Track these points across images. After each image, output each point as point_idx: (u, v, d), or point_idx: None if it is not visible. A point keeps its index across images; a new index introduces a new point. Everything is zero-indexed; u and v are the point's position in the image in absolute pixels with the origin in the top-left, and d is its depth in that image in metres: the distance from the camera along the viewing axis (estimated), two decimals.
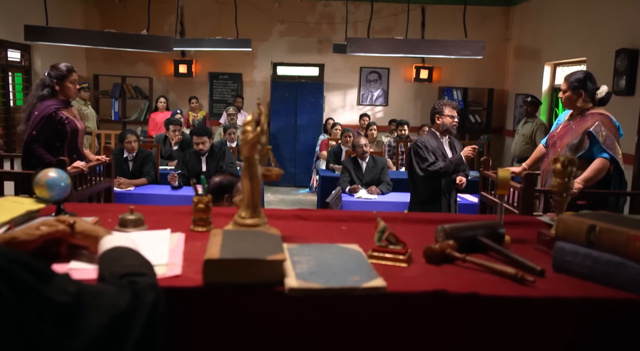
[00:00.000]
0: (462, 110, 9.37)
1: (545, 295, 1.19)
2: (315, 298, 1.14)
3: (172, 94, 9.52)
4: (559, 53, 7.65)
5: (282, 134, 9.06)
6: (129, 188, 5.00)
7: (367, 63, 9.43)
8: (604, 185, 3.37)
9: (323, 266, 1.24)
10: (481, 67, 9.42)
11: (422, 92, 9.53)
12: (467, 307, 1.18)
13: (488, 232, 1.51)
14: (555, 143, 3.55)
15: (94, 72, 9.27)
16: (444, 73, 9.56)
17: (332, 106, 9.61)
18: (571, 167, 1.47)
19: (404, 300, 1.17)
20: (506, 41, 9.48)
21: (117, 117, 9.18)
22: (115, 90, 9.10)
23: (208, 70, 9.51)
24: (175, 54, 9.27)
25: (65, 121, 3.59)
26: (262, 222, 1.46)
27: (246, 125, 1.44)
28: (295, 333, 1.16)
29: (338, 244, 1.43)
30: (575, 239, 1.30)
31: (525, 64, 8.81)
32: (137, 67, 9.41)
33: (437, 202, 4.02)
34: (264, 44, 9.44)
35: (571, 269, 1.31)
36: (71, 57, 8.86)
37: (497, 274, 1.28)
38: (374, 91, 9.57)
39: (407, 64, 9.47)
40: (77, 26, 8.83)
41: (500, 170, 1.57)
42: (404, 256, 1.34)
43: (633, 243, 1.18)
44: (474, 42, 4.76)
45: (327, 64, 9.47)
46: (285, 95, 8.97)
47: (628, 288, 1.20)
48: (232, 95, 9.31)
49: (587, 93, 3.43)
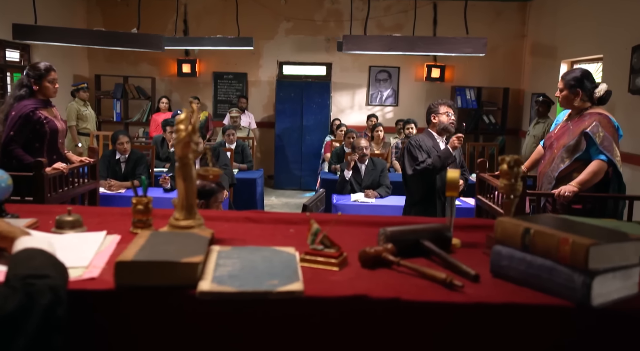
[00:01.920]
0: (475, 110, 9.33)
1: (470, 300, 1.18)
2: (230, 302, 1.15)
3: (176, 94, 9.61)
4: (575, 50, 7.57)
5: (287, 135, 9.09)
6: (120, 191, 5.06)
7: (377, 62, 9.42)
8: (603, 188, 3.33)
9: (246, 270, 1.25)
10: (496, 66, 9.36)
11: (434, 91, 9.48)
12: (389, 312, 1.18)
13: (434, 236, 1.51)
14: (552, 144, 3.52)
15: (95, 72, 9.41)
16: (457, 72, 9.50)
17: (340, 106, 9.62)
18: (517, 168, 1.46)
19: (324, 304, 1.18)
20: (522, 38, 9.40)
21: (119, 118, 9.29)
22: (117, 91, 9.22)
23: (212, 70, 9.58)
24: (179, 53, 9.38)
25: (44, 121, 3.64)
26: (196, 224, 1.48)
27: (179, 124, 1.45)
28: (210, 338, 1.17)
29: (274, 247, 1.44)
30: (512, 243, 1.30)
31: (542, 61, 8.73)
32: (139, 67, 9.52)
33: (431, 203, 4.01)
34: (270, 42, 9.48)
35: (507, 274, 1.30)
36: (72, 56, 9.02)
37: (428, 279, 1.28)
38: (383, 91, 9.56)
39: (418, 63, 9.44)
40: (79, 25, 8.97)
41: (450, 170, 1.57)
42: (336, 259, 1.35)
43: (563, 247, 1.17)
44: (476, 38, 4.73)
45: (334, 63, 9.49)
46: (291, 95, 9.00)
47: (559, 294, 1.19)
48: (236, 96, 9.37)
49: (585, 92, 3.39)
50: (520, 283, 1.27)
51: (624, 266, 1.19)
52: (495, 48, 9.39)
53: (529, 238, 1.25)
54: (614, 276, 1.18)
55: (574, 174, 3.30)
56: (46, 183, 3.35)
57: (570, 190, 3.17)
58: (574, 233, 1.18)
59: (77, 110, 7.55)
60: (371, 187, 5.16)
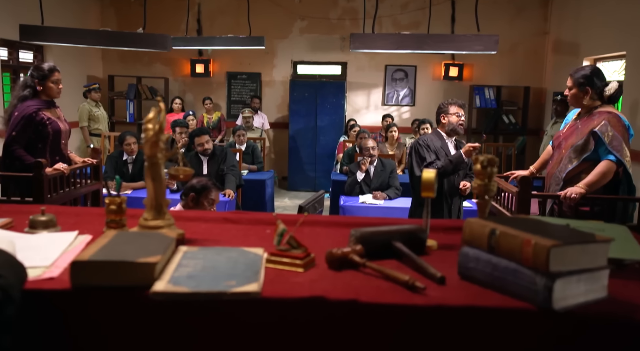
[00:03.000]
0: (494, 110, 9.24)
1: (430, 303, 1.18)
2: (185, 303, 1.17)
3: (189, 95, 9.71)
4: (598, 47, 7.46)
5: (301, 136, 9.11)
6: (126, 192, 5.12)
7: (393, 61, 9.39)
8: (613, 190, 3.28)
9: (207, 270, 1.27)
10: (516, 64, 9.27)
11: (452, 91, 9.41)
12: (347, 314, 1.18)
13: (407, 238, 1.51)
14: (560, 144, 3.47)
15: (109, 73, 9.54)
16: (476, 70, 9.43)
17: (355, 106, 9.61)
18: (491, 168, 1.45)
19: (280, 305, 1.19)
20: (544, 35, 9.29)
21: (132, 118, 9.41)
22: (130, 91, 9.34)
23: (226, 70, 9.65)
24: (192, 53, 9.47)
25: (47, 122, 3.71)
26: (166, 224, 1.50)
27: (147, 123, 1.47)
28: (164, 338, 1.19)
29: (243, 248, 1.45)
30: (479, 244, 1.29)
31: (564, 59, 8.62)
32: (153, 67, 9.64)
33: (438, 205, 3.99)
34: (284, 41, 9.52)
35: (474, 276, 1.29)
36: (86, 57, 9.16)
37: (392, 280, 1.28)
38: (400, 90, 9.53)
39: (436, 62, 9.39)
40: (93, 26, 9.11)
41: (425, 171, 1.56)
42: (301, 260, 1.35)
43: (526, 249, 1.17)
44: (487, 36, 4.70)
45: (350, 62, 9.49)
46: (305, 95, 9.02)
47: (522, 297, 1.18)
48: (250, 96, 9.42)
49: (595, 90, 3.34)
50: (486, 286, 1.26)
51: (590, 269, 1.18)
52: (515, 45, 9.31)
53: (495, 240, 1.25)
54: (579, 279, 1.17)
55: (583, 175, 3.25)
56: (46, 184, 3.41)
57: (577, 192, 3.12)
58: (537, 235, 1.18)
59: (89, 111, 7.67)
60: (380, 189, 5.15)
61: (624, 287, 1.29)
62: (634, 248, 1.43)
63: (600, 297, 1.21)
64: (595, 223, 1.69)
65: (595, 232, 1.57)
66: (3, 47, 7.44)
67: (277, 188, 9.33)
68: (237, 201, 5.49)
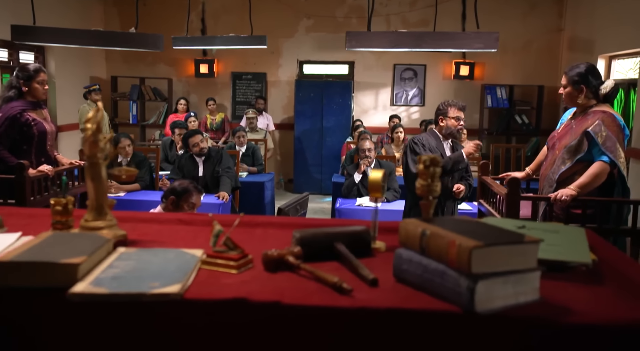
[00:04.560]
0: (507, 110, 9.19)
1: (354, 305, 1.19)
2: (104, 304, 1.19)
3: (194, 96, 9.79)
4: (613, 44, 7.39)
5: (307, 137, 9.14)
6: (119, 194, 5.19)
7: (401, 60, 9.39)
8: (608, 191, 3.25)
9: (136, 271, 1.29)
10: (530, 62, 9.21)
11: (463, 90, 9.38)
12: (270, 316, 1.20)
13: (352, 239, 1.52)
14: (554, 144, 3.46)
15: (112, 74, 9.66)
16: (488, 69, 9.39)
17: (363, 107, 9.62)
18: (434, 168, 1.45)
19: (200, 307, 1.20)
20: (559, 32, 9.22)
21: (135, 120, 9.52)
22: (133, 92, 9.45)
23: (230, 70, 9.72)
24: (196, 53, 9.55)
25: (32, 123, 3.78)
26: (107, 225, 1.52)
27: (86, 123, 1.50)
28: (84, 341, 1.21)
29: (183, 249, 1.48)
30: (412, 246, 1.30)
31: (580, 57, 8.53)
32: (157, 68, 9.74)
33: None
34: (290, 40, 9.56)
35: (406, 278, 1.30)
36: (89, 58, 9.29)
37: (322, 282, 1.29)
38: (409, 90, 9.51)
39: (446, 60, 9.36)
40: (96, 26, 9.22)
41: (373, 171, 1.57)
42: (235, 262, 1.37)
43: (452, 250, 1.17)
44: (487, 33, 4.68)
45: (357, 61, 9.50)
46: (311, 95, 9.05)
47: (449, 299, 1.19)
48: (255, 96, 9.48)
49: (590, 89, 3.32)
50: (418, 288, 1.26)
51: (518, 270, 1.18)
52: (529, 43, 9.25)
53: (426, 241, 1.25)
54: (505, 281, 1.17)
55: (576, 177, 3.23)
56: (28, 186, 3.47)
57: (568, 194, 3.10)
58: (463, 236, 1.18)
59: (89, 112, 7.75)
60: None
61: (563, 290, 1.29)
62: (582, 251, 1.42)
63: (532, 300, 1.21)
64: (554, 224, 1.69)
65: (549, 234, 1.58)
66: (3, 48, 7.58)
67: (282, 191, 9.38)
68: (234, 203, 5.53)
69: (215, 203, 4.99)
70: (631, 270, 1.41)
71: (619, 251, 1.56)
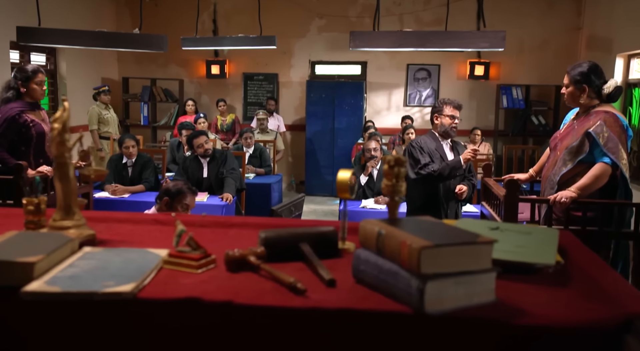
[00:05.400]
0: (523, 111, 9.12)
1: (307, 305, 1.20)
2: (57, 303, 1.22)
3: (205, 97, 9.87)
4: (632, 43, 7.30)
5: (318, 139, 9.16)
6: (124, 195, 5.25)
7: (415, 59, 9.37)
8: (610, 194, 3.22)
9: (94, 271, 1.32)
10: (547, 62, 9.13)
11: (478, 90, 9.34)
12: (222, 316, 1.21)
13: (318, 240, 1.53)
14: (556, 145, 3.44)
15: (124, 75, 9.78)
16: (503, 69, 9.33)
17: (375, 107, 9.61)
18: (399, 168, 1.46)
19: (155, 306, 1.22)
20: (577, 31, 9.13)
21: (147, 121, 9.62)
22: (144, 94, 9.55)
23: (242, 71, 9.78)
24: (208, 54, 9.63)
25: (30, 124, 3.85)
26: (75, 224, 1.56)
27: (54, 123, 1.54)
28: (37, 340, 1.24)
29: (148, 249, 1.50)
30: (370, 246, 1.31)
31: (597, 55, 8.44)
32: (168, 69, 9.84)
33: (433, 210, 3.97)
34: (302, 41, 9.59)
35: (364, 279, 1.31)
36: (101, 59, 9.42)
37: (279, 283, 1.31)
38: (422, 90, 9.49)
39: (460, 60, 9.32)
40: (108, 27, 9.35)
41: (341, 171, 1.58)
42: (197, 262, 1.39)
43: (403, 250, 1.18)
44: (493, 32, 4.65)
45: (370, 61, 9.51)
46: (322, 96, 9.07)
47: (402, 300, 1.19)
48: (267, 97, 9.53)
49: (592, 89, 3.30)
50: (374, 288, 1.27)
51: (471, 271, 1.19)
52: (546, 42, 9.18)
53: (381, 241, 1.26)
54: (457, 282, 1.17)
55: (577, 178, 3.21)
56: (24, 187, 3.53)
57: (568, 196, 3.08)
58: (416, 236, 1.19)
59: (99, 114, 7.88)
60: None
61: (523, 292, 1.29)
62: (548, 253, 1.42)
63: (486, 301, 1.21)
64: (529, 226, 1.68)
65: (521, 236, 1.58)
66: (14, 50, 7.72)
67: (293, 193, 9.40)
68: (239, 205, 5.57)
69: (219, 205, 5.03)
70: (599, 273, 1.40)
71: (594, 254, 1.55)
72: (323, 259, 1.47)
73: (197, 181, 5.38)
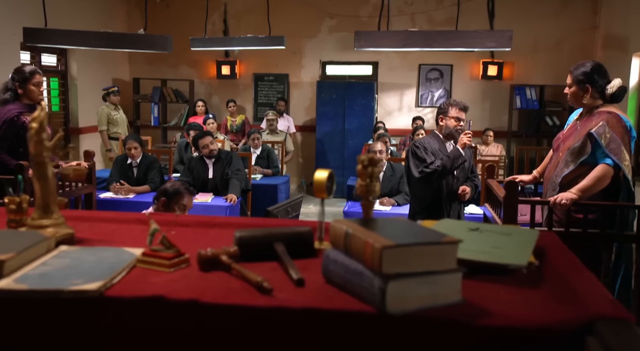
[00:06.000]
0: (536, 111, 9.06)
1: (271, 304, 1.21)
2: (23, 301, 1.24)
3: (215, 97, 9.93)
4: None
5: (328, 140, 9.17)
6: (129, 196, 5.31)
7: (427, 60, 9.34)
8: (613, 196, 3.19)
9: (66, 269, 1.34)
10: (562, 61, 9.04)
11: (491, 91, 9.30)
12: (187, 314, 1.23)
13: (293, 240, 1.55)
14: (559, 146, 3.42)
15: (134, 75, 9.88)
16: (517, 69, 9.27)
17: (387, 108, 9.60)
18: (372, 167, 1.47)
19: (119, 304, 1.24)
20: (593, 29, 9.05)
21: (157, 122, 9.70)
22: (154, 94, 9.64)
23: (252, 71, 9.83)
24: (218, 54, 9.69)
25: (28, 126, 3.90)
26: (53, 223, 1.58)
27: (32, 122, 1.56)
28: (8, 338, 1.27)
29: (123, 248, 1.52)
30: (338, 246, 1.32)
31: (613, 55, 8.37)
32: (179, 70, 9.91)
33: (438, 210, 3.97)
34: (312, 41, 9.62)
35: (332, 279, 1.32)
36: (113, 60, 9.52)
37: (247, 282, 1.32)
38: (434, 91, 9.46)
39: (473, 60, 9.28)
40: (119, 28, 9.47)
41: (318, 170, 1.60)
42: (169, 261, 1.41)
43: (367, 250, 1.19)
44: (500, 31, 4.64)
45: (381, 61, 9.50)
46: (332, 96, 9.08)
47: (366, 300, 1.20)
48: (277, 98, 9.57)
49: (596, 89, 3.29)
50: (342, 288, 1.28)
51: (435, 271, 1.19)
52: (561, 42, 9.11)
53: (348, 241, 1.27)
54: (421, 282, 1.18)
55: (579, 180, 3.19)
56: (27, 187, 3.58)
57: (568, 198, 3.06)
58: (380, 236, 1.19)
59: (108, 115, 7.97)
60: (389, 195, 5.15)
61: (493, 292, 1.29)
62: (522, 254, 1.42)
63: (452, 301, 1.21)
64: (509, 227, 1.68)
65: (500, 236, 1.58)
66: (25, 51, 7.83)
67: (304, 194, 9.42)
68: (244, 206, 5.60)
69: (223, 206, 5.06)
70: (573, 275, 1.40)
71: (573, 256, 1.55)
72: (299, 259, 1.49)
73: (202, 182, 5.42)
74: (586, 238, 3.06)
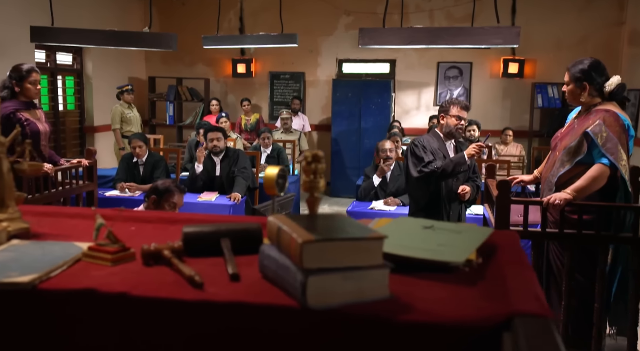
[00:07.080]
0: (559, 110, 8.95)
1: (198, 298, 1.24)
2: None
3: (231, 96, 10.02)
4: None
5: (344, 139, 9.19)
6: (135, 194, 5.40)
7: (446, 57, 9.30)
8: (610, 196, 3.16)
9: (8, 262, 1.38)
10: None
11: (511, 89, 9.21)
12: (119, 307, 1.27)
13: (242, 236, 1.57)
14: (556, 145, 3.39)
15: (150, 74, 10.02)
16: (539, 66, 9.18)
17: (404, 107, 9.58)
18: (316, 164, 1.48)
19: (53, 297, 1.29)
20: (620, 26, 8.91)
21: (172, 121, 9.83)
22: (170, 93, 9.77)
23: (268, 70, 9.90)
24: (234, 52, 9.78)
25: (25, 123, 4.01)
26: (7, 218, 1.64)
27: None
28: None
29: (73, 242, 1.57)
30: (272, 241, 1.35)
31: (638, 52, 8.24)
32: (194, 68, 10.03)
33: (437, 211, 3.96)
34: (329, 38, 9.64)
35: (266, 274, 1.35)
36: (129, 59, 9.68)
37: (181, 276, 1.36)
38: (453, 89, 9.41)
39: (493, 57, 9.21)
40: (135, 28, 9.61)
41: (269, 167, 1.62)
42: (112, 255, 1.45)
43: (293, 245, 1.21)
44: (507, 28, 4.61)
45: (399, 59, 9.49)
46: (348, 95, 9.10)
47: (291, 294, 1.22)
48: (292, 97, 9.62)
49: (593, 86, 3.25)
50: (274, 283, 1.31)
51: (360, 267, 1.21)
52: (585, 38, 8.99)
53: (279, 236, 1.30)
54: (345, 277, 1.20)
55: (576, 180, 3.16)
56: (25, 184, 3.69)
57: (562, 198, 3.04)
58: (306, 231, 1.22)
59: (121, 113, 8.10)
60: (397, 194, 5.15)
61: (426, 289, 1.29)
62: (463, 252, 1.42)
63: (379, 297, 1.23)
64: (462, 225, 1.69)
65: (451, 234, 1.59)
66: (41, 50, 8.01)
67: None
68: (250, 204, 5.65)
69: (227, 204, 5.12)
70: (514, 274, 1.40)
71: (524, 255, 1.55)
72: (247, 255, 1.52)
73: (210, 179, 5.49)
74: (581, 239, 3.03)
